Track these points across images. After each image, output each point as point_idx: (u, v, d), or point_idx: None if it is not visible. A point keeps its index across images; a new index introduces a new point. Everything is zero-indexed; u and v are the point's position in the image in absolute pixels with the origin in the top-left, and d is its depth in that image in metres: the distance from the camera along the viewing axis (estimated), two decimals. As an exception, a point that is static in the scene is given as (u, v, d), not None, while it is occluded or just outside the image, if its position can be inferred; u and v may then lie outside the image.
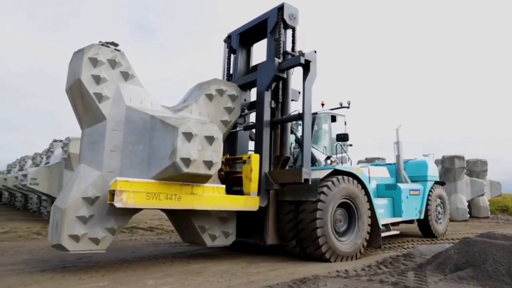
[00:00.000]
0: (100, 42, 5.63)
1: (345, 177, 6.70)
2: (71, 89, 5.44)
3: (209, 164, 5.23)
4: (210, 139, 5.29)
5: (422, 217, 9.58)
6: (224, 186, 6.01)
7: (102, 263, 5.88)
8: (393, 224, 9.61)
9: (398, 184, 9.17)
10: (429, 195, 9.89)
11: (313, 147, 8.19)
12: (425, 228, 9.89)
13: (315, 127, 8.49)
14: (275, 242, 6.59)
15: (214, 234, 6.26)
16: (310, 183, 6.03)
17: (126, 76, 5.67)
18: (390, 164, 10.57)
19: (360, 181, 7.05)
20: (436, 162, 19.23)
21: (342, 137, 7.67)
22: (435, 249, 6.17)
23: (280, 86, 7.01)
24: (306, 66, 6.42)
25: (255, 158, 6.37)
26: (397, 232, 8.39)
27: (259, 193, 6.36)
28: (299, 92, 7.80)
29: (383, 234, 7.66)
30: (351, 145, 8.95)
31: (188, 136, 5.07)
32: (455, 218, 16.22)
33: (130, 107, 5.52)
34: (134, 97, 5.68)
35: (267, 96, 6.72)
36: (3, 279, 4.74)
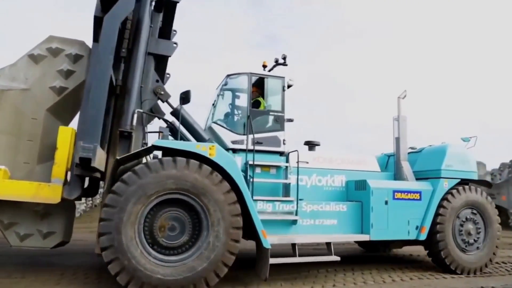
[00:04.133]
0: None
1: (179, 160, 4.25)
2: None
3: None
4: None
5: (423, 237, 5.78)
6: (4, 167, 4.51)
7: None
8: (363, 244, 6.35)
9: (369, 181, 5.72)
10: (443, 201, 5.94)
11: (217, 123, 5.81)
12: (435, 257, 5.97)
13: (222, 96, 6.00)
14: None
15: (19, 231, 4.82)
16: (93, 165, 3.96)
17: None
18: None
19: (219, 169, 4.44)
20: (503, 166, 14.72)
21: (183, 97, 5.06)
22: None
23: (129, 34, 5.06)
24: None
25: (63, 132, 4.65)
26: (333, 259, 5.12)
27: (67, 180, 4.61)
28: (175, 44, 5.64)
29: (284, 260, 4.74)
30: (290, 120, 6.05)
31: None
32: None
33: None
34: None
35: (96, 48, 4.89)
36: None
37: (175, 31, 6.98)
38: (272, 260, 4.60)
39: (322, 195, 5.91)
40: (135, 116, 4.91)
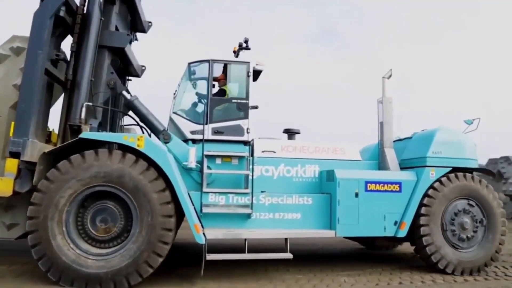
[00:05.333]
0: None
1: (102, 151, 4.16)
2: None
3: None
4: None
5: (402, 234, 5.08)
6: None
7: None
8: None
9: (336, 171, 5.16)
10: (429, 190, 5.16)
11: (177, 114, 5.63)
12: (422, 255, 5.23)
13: (183, 85, 5.76)
14: None
15: (-16, 223, 5.07)
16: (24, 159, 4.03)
17: None
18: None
19: (148, 160, 4.29)
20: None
21: (111, 88, 4.83)
22: None
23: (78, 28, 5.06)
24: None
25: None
26: (285, 256, 4.68)
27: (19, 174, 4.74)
28: (128, 35, 5.54)
29: (224, 257, 4.45)
30: (255, 107, 5.68)
31: None
32: None
33: None
34: None
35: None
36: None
37: (150, 23, 6.95)
38: (212, 256, 4.37)
39: (291, 187, 5.46)
40: (83, 109, 4.91)
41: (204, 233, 4.48)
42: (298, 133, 6.39)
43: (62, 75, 5.17)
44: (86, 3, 5.16)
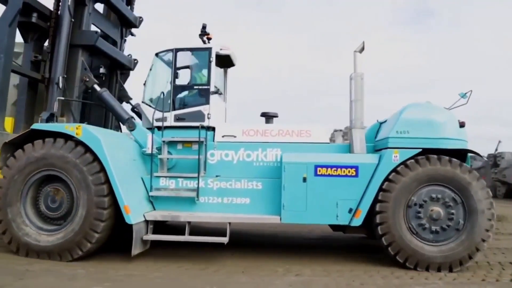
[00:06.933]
0: None
1: (48, 140, 4.66)
2: None
3: None
4: None
5: (357, 222, 4.56)
6: None
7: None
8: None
9: (284, 154, 4.84)
10: (389, 179, 4.50)
11: (145, 103, 5.92)
12: (387, 253, 4.61)
13: (151, 75, 5.94)
14: None
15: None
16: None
17: None
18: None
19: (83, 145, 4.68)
20: None
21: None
22: None
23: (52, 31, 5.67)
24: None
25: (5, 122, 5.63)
26: (220, 240, 4.58)
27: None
28: (96, 32, 5.94)
29: (158, 238, 4.63)
30: (216, 92, 5.65)
31: None
32: None
33: None
34: None
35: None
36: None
37: (141, 18, 7.37)
38: (150, 236, 4.67)
39: (251, 171, 5.30)
40: (56, 103, 5.52)
41: (144, 215, 4.75)
42: (276, 116, 6.16)
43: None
44: (60, 8, 5.75)
